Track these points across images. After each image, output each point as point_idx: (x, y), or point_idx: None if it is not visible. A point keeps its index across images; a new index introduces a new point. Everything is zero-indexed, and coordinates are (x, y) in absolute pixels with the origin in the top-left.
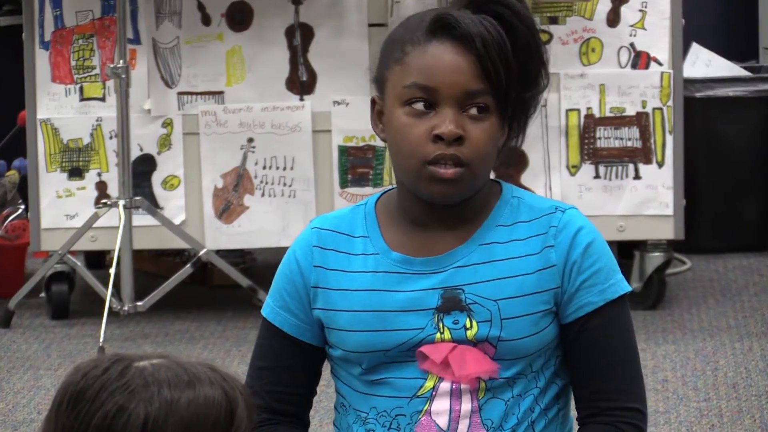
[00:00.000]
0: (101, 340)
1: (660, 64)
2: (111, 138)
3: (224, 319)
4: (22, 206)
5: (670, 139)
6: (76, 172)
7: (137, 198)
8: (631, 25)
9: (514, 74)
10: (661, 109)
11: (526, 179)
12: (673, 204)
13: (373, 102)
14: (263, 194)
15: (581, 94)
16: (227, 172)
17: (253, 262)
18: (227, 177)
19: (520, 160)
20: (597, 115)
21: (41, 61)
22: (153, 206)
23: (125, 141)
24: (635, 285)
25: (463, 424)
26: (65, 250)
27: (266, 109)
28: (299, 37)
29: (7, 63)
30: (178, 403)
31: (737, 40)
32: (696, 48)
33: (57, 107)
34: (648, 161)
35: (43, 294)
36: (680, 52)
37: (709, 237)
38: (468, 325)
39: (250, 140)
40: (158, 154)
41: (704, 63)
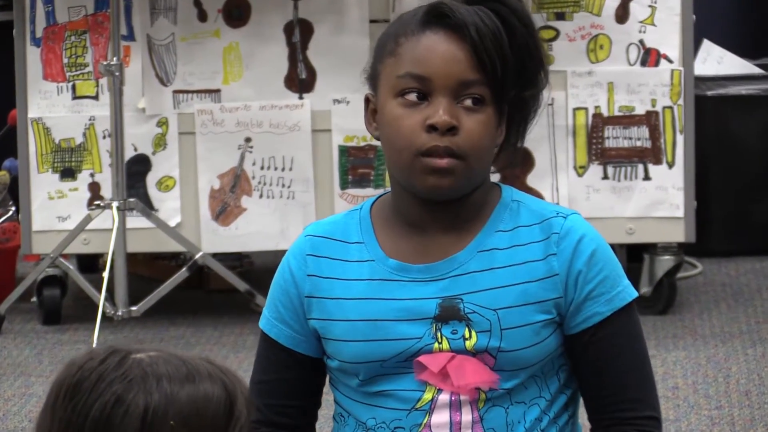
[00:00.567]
0: (94, 346)
1: (670, 61)
2: (104, 138)
3: (221, 324)
4: (13, 208)
5: (680, 138)
6: (68, 173)
7: (131, 199)
8: (641, 21)
9: (510, 67)
10: (671, 107)
11: (532, 180)
12: (684, 206)
13: (367, 100)
14: (261, 195)
15: (589, 92)
16: (224, 172)
17: (251, 266)
18: (224, 178)
19: (526, 160)
20: (605, 114)
21: (32, 59)
22: (147, 208)
23: (119, 141)
24: (645, 289)
25: None
26: (57, 253)
27: (264, 108)
28: (298, 33)
29: None
30: (178, 394)
31: (750, 36)
32: (707, 45)
33: (49, 106)
34: (658, 162)
35: (34, 299)
36: (691, 49)
37: (721, 240)
38: (467, 336)
39: (248, 140)
40: (153, 154)
41: (716, 60)
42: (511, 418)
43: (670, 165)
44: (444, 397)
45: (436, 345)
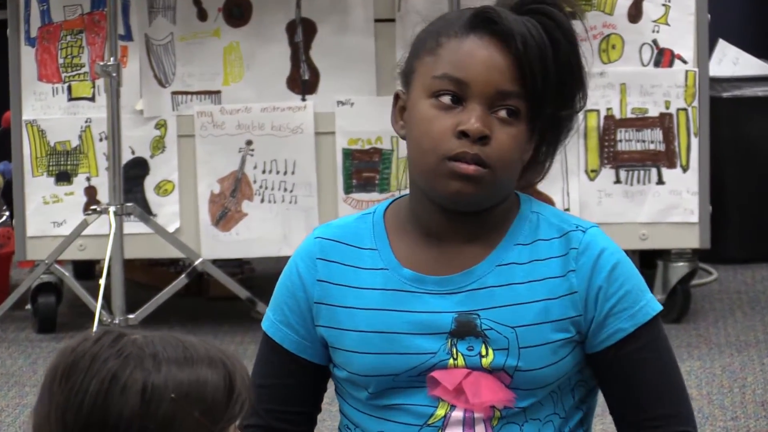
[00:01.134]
0: None
1: (684, 62)
2: (101, 140)
3: (221, 332)
4: (7, 213)
5: (695, 141)
6: (63, 177)
7: (129, 204)
8: (654, 21)
9: (551, 83)
10: (685, 109)
11: (543, 185)
12: (699, 211)
13: (396, 97)
14: (263, 200)
15: (601, 93)
16: (224, 176)
17: (252, 273)
18: (224, 182)
19: None
20: (617, 116)
21: (27, 59)
22: (145, 213)
23: (116, 143)
24: (658, 297)
25: None
26: (52, 259)
27: (266, 110)
28: (301, 33)
29: None
30: (177, 369)
31: (767, 36)
32: (723, 45)
33: (43, 108)
34: (672, 165)
35: (28, 306)
36: (706, 49)
37: (736, 246)
38: (484, 353)
39: (249, 143)
40: (151, 157)
41: (731, 61)
42: None
43: (685, 169)
44: (457, 414)
45: (451, 361)
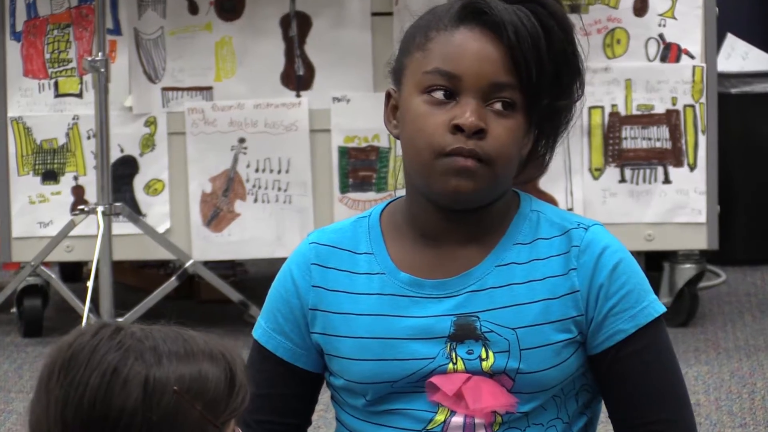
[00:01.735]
0: None
1: (692, 57)
2: (89, 138)
3: (213, 336)
4: None
5: (702, 139)
6: (50, 176)
7: (117, 204)
8: (660, 15)
9: (546, 73)
10: (693, 106)
11: (545, 184)
12: (706, 211)
13: (388, 95)
14: (256, 200)
15: (605, 89)
16: (216, 175)
17: (245, 275)
18: (216, 181)
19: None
20: (623, 113)
21: (12, 54)
22: (135, 213)
23: (104, 141)
24: (664, 300)
25: None
26: (38, 261)
27: (259, 107)
28: (295, 27)
29: None
30: (179, 364)
31: None
32: (731, 39)
33: (29, 104)
34: (678, 164)
35: (14, 309)
36: (714, 44)
37: (745, 247)
38: (484, 356)
39: (242, 140)
40: (140, 155)
41: (740, 56)
42: None
43: (692, 167)
44: (457, 420)
45: (451, 365)
